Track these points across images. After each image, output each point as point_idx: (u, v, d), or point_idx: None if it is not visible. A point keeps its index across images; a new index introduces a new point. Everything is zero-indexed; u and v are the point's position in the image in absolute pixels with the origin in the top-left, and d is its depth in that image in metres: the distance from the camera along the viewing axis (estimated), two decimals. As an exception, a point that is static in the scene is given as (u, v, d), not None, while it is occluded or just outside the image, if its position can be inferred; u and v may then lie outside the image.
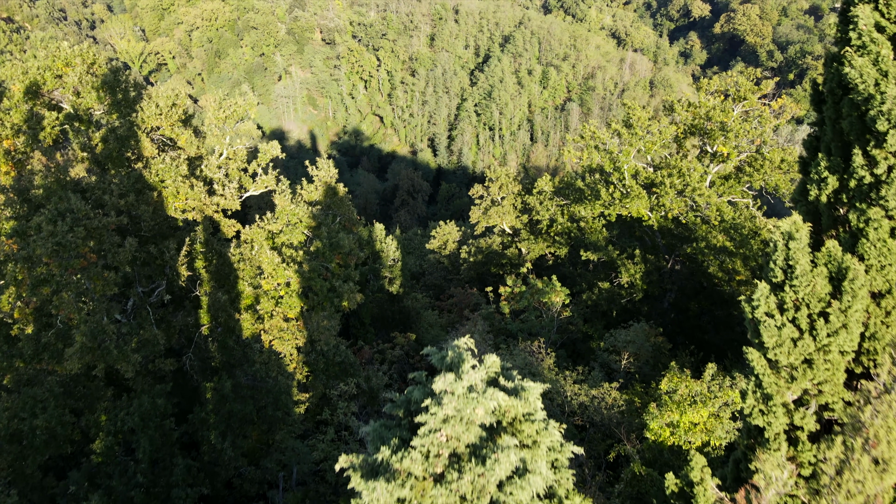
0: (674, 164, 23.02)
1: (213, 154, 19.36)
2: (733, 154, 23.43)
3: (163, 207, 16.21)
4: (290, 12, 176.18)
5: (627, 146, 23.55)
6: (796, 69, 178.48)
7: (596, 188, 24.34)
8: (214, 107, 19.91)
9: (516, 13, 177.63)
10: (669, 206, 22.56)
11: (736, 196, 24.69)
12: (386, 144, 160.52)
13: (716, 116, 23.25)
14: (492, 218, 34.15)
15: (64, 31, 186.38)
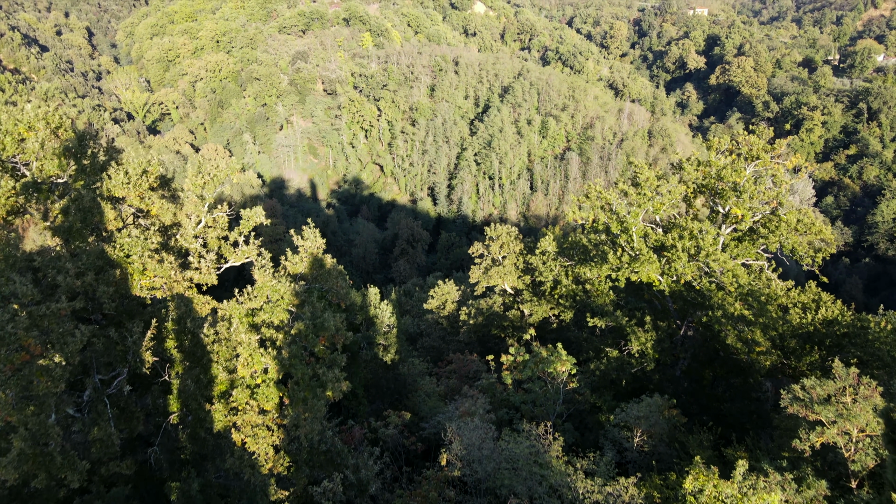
0: (685, 225, 21.78)
1: (189, 223, 17.93)
2: (748, 216, 22.19)
3: (127, 286, 14.83)
4: (293, 64, 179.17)
5: (636, 207, 22.34)
6: (792, 119, 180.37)
7: (603, 250, 23.08)
8: (193, 172, 18.64)
9: (515, 65, 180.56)
10: (682, 271, 21.21)
11: (750, 258, 23.37)
12: (386, 193, 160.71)
13: (727, 176, 22.15)
14: (492, 278, 32.72)
15: (70, 82, 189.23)
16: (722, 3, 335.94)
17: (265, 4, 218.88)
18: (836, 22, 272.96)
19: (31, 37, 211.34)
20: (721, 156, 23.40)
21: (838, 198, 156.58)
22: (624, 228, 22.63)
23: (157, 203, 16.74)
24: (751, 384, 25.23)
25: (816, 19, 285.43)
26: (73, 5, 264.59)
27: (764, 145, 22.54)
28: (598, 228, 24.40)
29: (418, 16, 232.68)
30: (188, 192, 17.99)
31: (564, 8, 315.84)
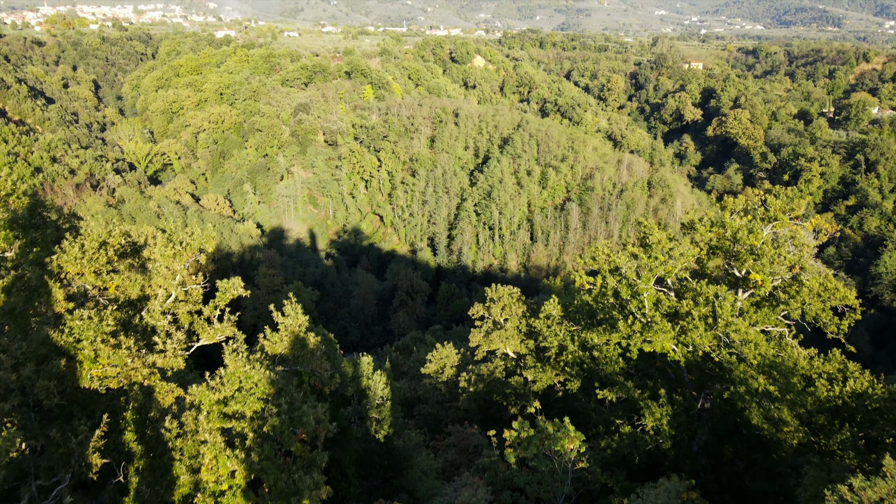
0: (699, 290, 20.35)
1: (158, 297, 16.40)
2: (767, 281, 20.77)
3: (75, 377, 13.22)
4: (295, 115, 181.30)
5: (647, 272, 20.96)
6: (790, 170, 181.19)
7: (612, 315, 21.60)
8: (163, 241, 17.25)
9: (514, 116, 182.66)
10: (699, 341, 19.67)
11: (770, 325, 21.84)
12: (385, 243, 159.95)
13: (744, 238, 20.85)
14: (494, 342, 31.03)
15: (75, 133, 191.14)
16: (715, 57, 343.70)
17: (269, 58, 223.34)
18: (829, 76, 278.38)
19: (38, 89, 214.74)
20: (736, 216, 22.10)
21: (840, 248, 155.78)
22: (634, 293, 21.15)
23: (115, 279, 15.23)
24: (775, 461, 23.32)
25: (809, 73, 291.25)
26: (81, 59, 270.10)
27: (782, 205, 21.27)
28: (606, 293, 22.88)
29: (419, 69, 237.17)
30: (157, 265, 16.47)
31: (562, 62, 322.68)
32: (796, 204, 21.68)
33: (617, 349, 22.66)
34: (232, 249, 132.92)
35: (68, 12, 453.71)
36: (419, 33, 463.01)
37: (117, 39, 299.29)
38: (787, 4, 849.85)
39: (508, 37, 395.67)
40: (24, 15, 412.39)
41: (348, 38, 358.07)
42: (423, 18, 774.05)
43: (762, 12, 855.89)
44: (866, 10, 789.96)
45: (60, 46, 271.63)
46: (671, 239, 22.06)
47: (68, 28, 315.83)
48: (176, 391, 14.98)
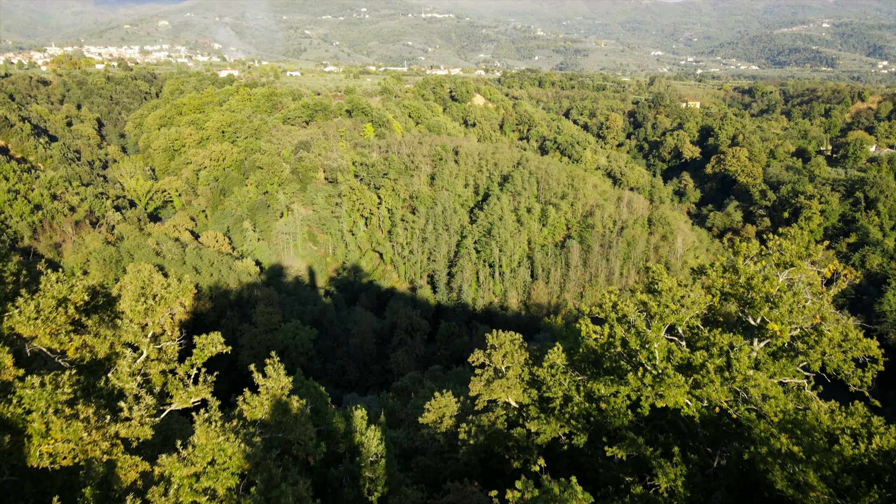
0: (713, 339, 19.17)
1: (127, 356, 15.09)
2: (786, 331, 19.58)
3: (22, 454, 11.89)
4: (296, 153, 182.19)
5: (657, 321, 19.82)
6: (790, 207, 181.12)
7: (620, 366, 20.38)
8: (133, 294, 16.07)
9: (514, 154, 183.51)
10: (715, 396, 18.42)
11: (788, 377, 20.59)
12: (385, 281, 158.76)
13: (758, 285, 19.77)
14: (495, 391, 29.58)
15: (76, 170, 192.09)
16: (712, 96, 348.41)
17: (271, 97, 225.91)
18: (825, 114, 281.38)
19: (42, 127, 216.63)
20: (750, 261, 21.03)
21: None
22: (644, 344, 19.94)
23: (76, 340, 14.04)
24: (795, 521, 21.76)
25: (805, 112, 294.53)
26: (85, 98, 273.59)
27: (799, 250, 20.24)
28: (614, 343, 21.61)
29: (419, 107, 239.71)
30: (126, 321, 15.24)
31: (561, 100, 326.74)
32: (813, 249, 20.66)
33: (626, 401, 21.34)
34: (230, 287, 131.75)
35: (75, 52, 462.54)
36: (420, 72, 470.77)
37: (122, 79, 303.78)
38: (781, 45, 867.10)
39: (508, 76, 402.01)
40: (31, 55, 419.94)
41: (350, 77, 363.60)
42: (423, 58, 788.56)
43: (756, 53, 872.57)
44: (859, 50, 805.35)
45: (66, 86, 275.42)
46: (681, 284, 20.97)
47: (74, 68, 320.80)
48: (141, 465, 13.55)
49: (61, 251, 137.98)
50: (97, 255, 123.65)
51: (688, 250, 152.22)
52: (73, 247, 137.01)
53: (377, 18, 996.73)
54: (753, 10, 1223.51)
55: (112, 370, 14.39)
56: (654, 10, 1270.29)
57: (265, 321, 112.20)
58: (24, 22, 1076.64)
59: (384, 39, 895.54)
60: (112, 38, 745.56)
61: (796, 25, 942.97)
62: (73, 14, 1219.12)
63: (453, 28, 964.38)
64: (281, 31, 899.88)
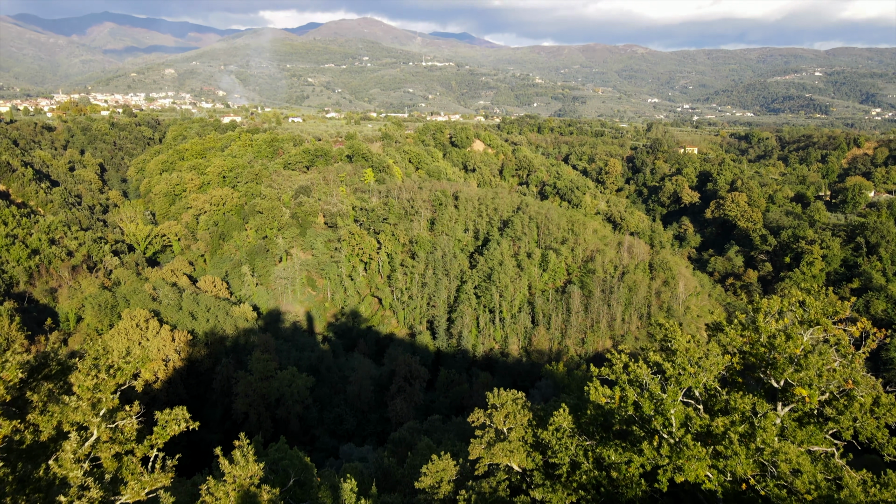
0: (734, 404, 17.70)
1: (71, 441, 13.34)
2: (814, 396, 18.09)
3: None
4: (296, 197, 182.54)
5: (674, 385, 18.39)
6: (791, 252, 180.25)
7: (632, 433, 18.84)
8: (83, 371, 14.45)
9: (514, 199, 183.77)
10: (741, 470, 16.84)
11: (816, 445, 19.00)
12: (384, 326, 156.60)
13: (781, 345, 18.40)
14: (496, 455, 27.70)
15: (76, 215, 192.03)
16: (709, 142, 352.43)
17: (272, 142, 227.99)
18: (822, 160, 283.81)
19: (44, 172, 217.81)
20: (771, 319, 19.68)
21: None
22: (659, 409, 18.42)
23: (6, 425, 12.46)
24: None
25: (802, 157, 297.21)
26: (89, 143, 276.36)
27: (824, 307, 18.93)
28: (626, 409, 19.99)
29: (419, 153, 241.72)
30: (74, 400, 13.57)
31: (560, 146, 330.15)
32: (840, 306, 19.36)
33: (639, 470, 19.67)
34: (226, 333, 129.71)
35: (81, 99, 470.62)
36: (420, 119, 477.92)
37: (126, 125, 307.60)
38: (775, 93, 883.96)
39: (507, 122, 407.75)
40: (37, 102, 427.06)
41: (351, 123, 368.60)
42: (424, 105, 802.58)
43: (751, 100, 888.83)
44: (852, 98, 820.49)
45: (70, 131, 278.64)
46: (694, 339, 19.58)
47: (79, 114, 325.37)
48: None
49: (57, 296, 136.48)
50: (92, 301, 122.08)
51: (690, 295, 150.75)
52: (69, 292, 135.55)
53: (378, 67, 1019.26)
54: (747, 59, 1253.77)
55: (55, 455, 12.63)
56: (649, 58, 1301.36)
57: (261, 368, 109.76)
58: (33, 70, 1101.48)
59: (385, 87, 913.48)
60: (119, 86, 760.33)
61: (789, 74, 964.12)
62: (82, 62, 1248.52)
63: (453, 76, 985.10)
64: (284, 78, 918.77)
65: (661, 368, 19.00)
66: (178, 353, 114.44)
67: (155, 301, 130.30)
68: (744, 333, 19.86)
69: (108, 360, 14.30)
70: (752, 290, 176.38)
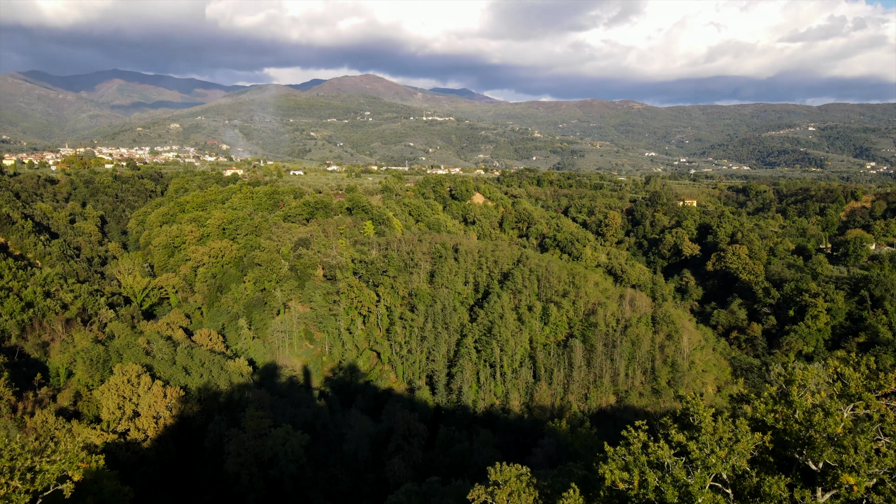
0: (769, 489, 15.77)
1: None
2: (863, 484, 16.13)
3: None
4: (295, 250, 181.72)
5: (701, 469, 16.50)
6: (795, 306, 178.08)
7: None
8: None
9: (514, 252, 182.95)
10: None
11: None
12: (382, 381, 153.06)
13: (820, 422, 16.58)
14: (501, 539, 25.43)
15: (74, 267, 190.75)
16: (707, 195, 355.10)
17: (273, 195, 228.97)
18: (820, 213, 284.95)
19: (45, 224, 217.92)
20: (806, 391, 17.91)
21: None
22: (685, 497, 16.41)
23: None
24: None
25: (801, 210, 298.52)
26: (91, 196, 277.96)
27: (866, 380, 17.22)
28: (647, 494, 17.86)
29: (419, 205, 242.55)
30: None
31: (559, 199, 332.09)
32: (884, 379, 17.62)
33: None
34: (220, 388, 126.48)
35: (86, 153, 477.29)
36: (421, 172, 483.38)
37: (129, 177, 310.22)
38: (770, 147, 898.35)
39: (507, 175, 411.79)
40: (43, 155, 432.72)
41: (352, 176, 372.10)
42: (424, 158, 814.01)
43: (747, 154, 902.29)
44: (846, 152, 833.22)
45: (73, 184, 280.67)
46: (720, 414, 17.75)
47: (83, 167, 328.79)
48: None
49: (48, 350, 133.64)
50: (84, 355, 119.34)
51: (694, 350, 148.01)
52: (61, 346, 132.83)
53: (380, 121, 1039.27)
54: (741, 114, 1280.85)
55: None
56: (645, 114, 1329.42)
57: (254, 426, 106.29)
58: (41, 125, 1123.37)
59: (386, 140, 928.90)
60: (124, 140, 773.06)
61: (783, 129, 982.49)
62: (89, 117, 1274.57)
63: (453, 130, 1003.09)
64: (287, 132, 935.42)
65: (684, 448, 17.13)
66: (170, 410, 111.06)
67: (148, 355, 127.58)
68: (775, 408, 18.04)
69: (27, 460, 12.55)
70: (757, 344, 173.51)
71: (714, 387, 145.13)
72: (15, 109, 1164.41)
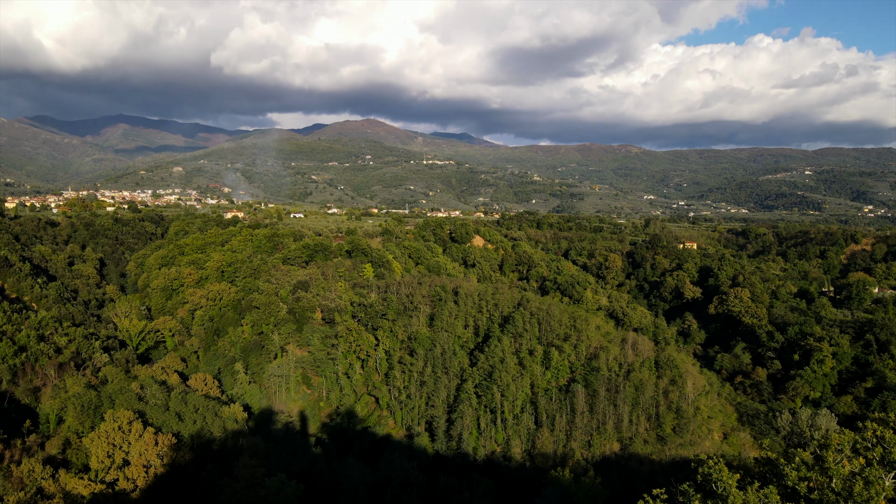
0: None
1: None
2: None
3: None
4: (294, 293, 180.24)
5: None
6: (800, 350, 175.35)
7: None
8: None
9: (515, 295, 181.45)
10: None
11: None
12: (381, 427, 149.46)
13: (860, 493, 15.16)
14: None
15: (70, 310, 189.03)
16: (707, 238, 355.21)
17: (272, 238, 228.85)
18: (821, 255, 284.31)
19: (42, 267, 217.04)
20: (844, 458, 16.48)
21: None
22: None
23: None
24: None
25: (801, 253, 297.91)
26: (91, 238, 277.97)
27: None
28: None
29: (419, 248, 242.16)
30: None
31: (559, 241, 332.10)
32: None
33: None
34: (214, 435, 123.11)
35: (89, 196, 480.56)
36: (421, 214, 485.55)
37: (130, 220, 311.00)
38: (768, 190, 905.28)
39: (506, 218, 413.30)
40: (45, 198, 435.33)
41: (352, 219, 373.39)
42: (424, 202, 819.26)
43: (745, 197, 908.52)
44: (843, 195, 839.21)
45: (73, 227, 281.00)
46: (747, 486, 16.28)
47: (84, 210, 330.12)
48: None
49: (40, 396, 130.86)
50: (75, 401, 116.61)
51: (699, 395, 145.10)
52: (53, 391, 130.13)
53: (381, 165, 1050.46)
54: (738, 158, 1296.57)
55: None
56: (643, 157, 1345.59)
57: (248, 475, 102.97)
58: (45, 168, 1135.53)
59: (387, 184, 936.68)
60: (127, 183, 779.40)
61: (780, 172, 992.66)
62: (93, 161, 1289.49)
63: (453, 173, 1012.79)
64: (289, 175, 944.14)
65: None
66: (161, 459, 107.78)
67: (141, 401, 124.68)
68: (808, 475, 16.57)
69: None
70: (763, 389, 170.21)
71: (720, 433, 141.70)
72: (20, 153, 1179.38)
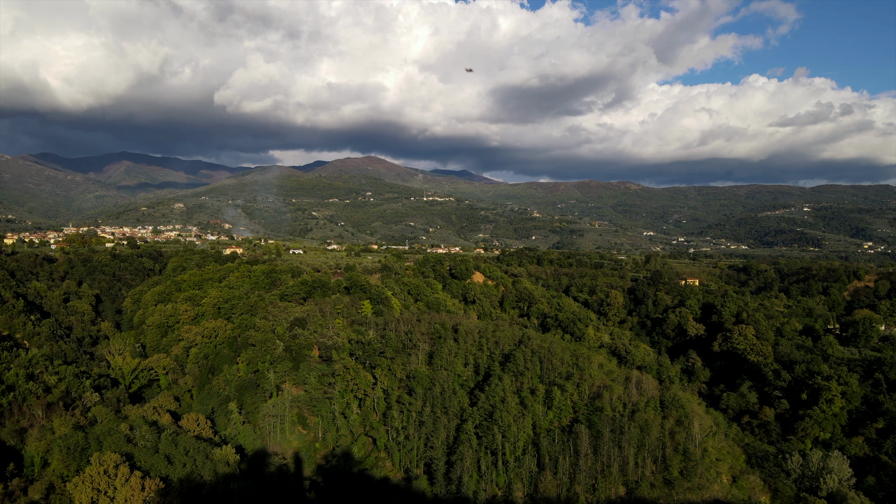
0: None
1: None
2: None
3: None
4: (290, 329, 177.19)
5: None
6: (807, 389, 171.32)
7: None
8: None
9: (515, 332, 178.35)
10: None
11: None
12: (378, 469, 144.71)
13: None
14: None
15: (63, 348, 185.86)
16: (708, 274, 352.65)
17: (270, 274, 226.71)
18: (824, 292, 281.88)
19: (37, 303, 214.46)
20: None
21: (880, 477, 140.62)
22: None
23: None
24: None
25: (803, 290, 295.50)
26: (88, 275, 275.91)
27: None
28: None
29: (419, 284, 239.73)
30: None
31: (560, 277, 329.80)
32: None
33: None
34: (204, 479, 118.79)
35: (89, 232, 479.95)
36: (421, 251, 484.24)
37: (128, 256, 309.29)
38: (767, 227, 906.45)
39: (506, 254, 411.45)
40: (45, 234, 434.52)
41: (351, 255, 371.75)
42: (424, 238, 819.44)
43: (744, 234, 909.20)
44: (842, 232, 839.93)
45: (70, 263, 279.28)
46: None
47: (82, 246, 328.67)
48: None
49: (25, 437, 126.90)
50: (61, 443, 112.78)
51: (707, 436, 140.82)
52: (39, 433, 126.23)
53: (381, 201, 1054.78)
54: (736, 195, 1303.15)
55: None
56: (642, 194, 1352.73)
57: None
58: (47, 204, 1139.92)
59: (387, 220, 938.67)
60: (128, 219, 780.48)
61: (779, 209, 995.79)
62: (95, 198, 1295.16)
63: (453, 210, 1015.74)
64: (289, 212, 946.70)
65: None
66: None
67: (130, 443, 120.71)
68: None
69: None
70: (771, 430, 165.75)
71: (729, 476, 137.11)
72: (23, 190, 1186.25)
